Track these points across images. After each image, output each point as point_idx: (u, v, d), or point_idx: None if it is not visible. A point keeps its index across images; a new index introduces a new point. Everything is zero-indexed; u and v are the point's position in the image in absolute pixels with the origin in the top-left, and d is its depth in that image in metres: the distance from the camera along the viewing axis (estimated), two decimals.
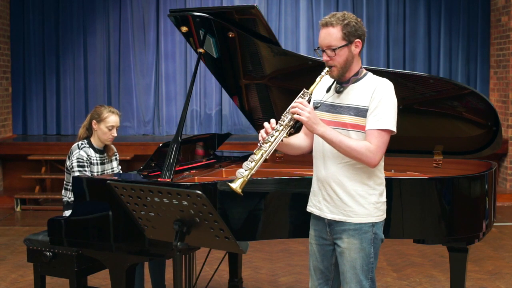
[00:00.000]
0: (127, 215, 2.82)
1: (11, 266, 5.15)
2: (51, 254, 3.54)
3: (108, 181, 2.61)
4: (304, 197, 2.88)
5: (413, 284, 4.66)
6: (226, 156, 4.33)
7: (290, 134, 2.65)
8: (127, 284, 3.22)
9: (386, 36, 8.67)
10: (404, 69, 8.42)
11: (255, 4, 3.45)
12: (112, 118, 3.80)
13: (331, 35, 2.59)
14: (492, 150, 3.74)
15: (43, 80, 8.66)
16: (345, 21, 2.59)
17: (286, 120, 2.56)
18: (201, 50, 3.70)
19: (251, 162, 2.50)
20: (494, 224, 3.70)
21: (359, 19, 2.65)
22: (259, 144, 2.54)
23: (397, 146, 3.83)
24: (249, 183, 2.53)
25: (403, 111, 3.72)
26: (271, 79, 3.96)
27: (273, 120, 2.58)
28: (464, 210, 3.35)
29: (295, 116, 2.54)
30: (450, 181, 3.31)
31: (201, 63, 3.74)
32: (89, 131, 3.85)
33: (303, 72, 3.70)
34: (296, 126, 2.67)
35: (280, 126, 2.56)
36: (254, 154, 2.52)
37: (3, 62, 8.28)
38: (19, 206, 7.40)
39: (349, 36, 2.60)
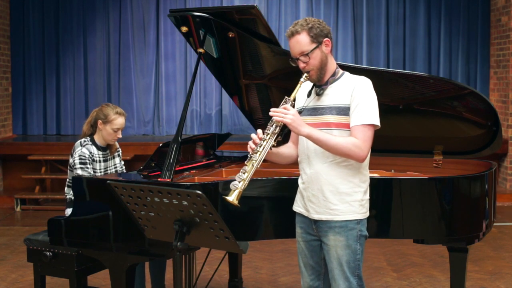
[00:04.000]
0: (127, 215, 2.82)
1: (11, 266, 5.15)
2: (51, 254, 3.53)
3: (108, 181, 2.61)
4: None
5: (413, 284, 4.66)
6: (226, 156, 4.33)
7: (278, 142, 2.70)
8: (127, 284, 3.22)
9: (386, 36, 8.66)
10: (404, 69, 8.42)
11: (255, 4, 3.46)
12: (119, 121, 3.75)
13: (300, 42, 2.68)
14: (492, 150, 3.74)
15: (43, 80, 8.66)
16: (309, 25, 2.68)
17: (272, 129, 2.63)
18: (201, 50, 3.70)
19: (244, 173, 2.55)
20: (494, 224, 3.70)
21: (321, 20, 2.73)
22: (249, 156, 2.60)
23: (397, 146, 3.84)
24: (250, 183, 2.57)
25: (403, 111, 3.73)
26: (271, 79, 3.96)
27: (259, 131, 2.65)
28: (464, 210, 3.35)
29: (279, 119, 2.59)
30: (450, 181, 3.31)
31: (201, 63, 3.74)
32: (93, 128, 3.81)
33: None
34: (283, 133, 2.73)
35: (266, 135, 2.62)
36: (246, 165, 2.58)
37: (3, 62, 8.28)
38: (19, 206, 7.39)
39: (317, 38, 2.68)
